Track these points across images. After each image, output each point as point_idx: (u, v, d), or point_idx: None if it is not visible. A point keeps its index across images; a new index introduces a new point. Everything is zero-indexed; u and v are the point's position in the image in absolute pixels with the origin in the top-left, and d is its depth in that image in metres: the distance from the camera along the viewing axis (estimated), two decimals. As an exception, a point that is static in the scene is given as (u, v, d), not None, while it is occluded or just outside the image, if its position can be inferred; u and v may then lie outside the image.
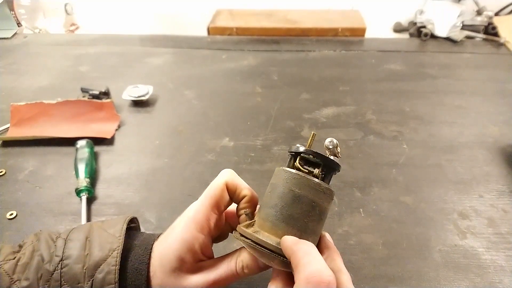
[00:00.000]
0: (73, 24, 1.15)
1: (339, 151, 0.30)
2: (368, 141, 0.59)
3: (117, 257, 0.30)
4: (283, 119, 0.64)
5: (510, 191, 0.50)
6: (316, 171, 0.29)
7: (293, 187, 0.28)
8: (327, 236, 0.31)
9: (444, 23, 0.89)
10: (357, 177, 0.52)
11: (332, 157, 0.30)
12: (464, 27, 0.91)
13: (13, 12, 0.99)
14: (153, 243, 0.32)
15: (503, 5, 0.96)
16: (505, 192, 0.50)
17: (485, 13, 0.90)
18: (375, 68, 0.79)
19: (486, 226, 0.45)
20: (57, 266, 0.29)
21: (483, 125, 0.62)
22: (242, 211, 0.32)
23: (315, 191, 0.28)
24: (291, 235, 0.27)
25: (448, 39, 0.90)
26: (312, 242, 0.28)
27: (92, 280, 0.29)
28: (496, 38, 0.89)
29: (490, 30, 0.90)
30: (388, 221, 0.46)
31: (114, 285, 0.29)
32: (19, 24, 1.00)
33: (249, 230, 0.29)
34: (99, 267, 0.29)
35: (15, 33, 0.96)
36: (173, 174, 0.54)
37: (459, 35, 0.89)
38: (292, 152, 0.31)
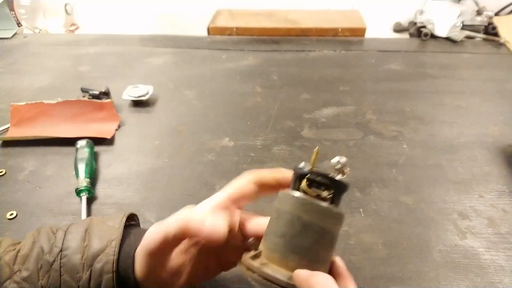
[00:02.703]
0: (73, 24, 1.15)
1: (348, 170, 0.27)
2: (368, 141, 0.59)
3: (115, 247, 0.30)
4: (283, 119, 0.64)
5: (510, 191, 0.50)
6: (324, 193, 0.27)
7: (301, 214, 0.26)
8: (339, 260, 0.28)
9: (444, 23, 0.89)
10: (357, 177, 0.52)
11: (339, 177, 0.27)
12: (464, 27, 0.91)
13: (13, 12, 0.99)
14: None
15: (503, 5, 0.95)
16: (505, 192, 0.50)
17: (485, 13, 0.90)
18: (375, 68, 0.79)
19: (486, 226, 0.45)
20: (57, 256, 0.30)
21: (483, 125, 0.62)
22: (248, 240, 0.30)
23: (325, 217, 0.26)
24: (302, 267, 0.25)
25: (448, 39, 0.90)
26: (324, 271, 0.26)
27: (91, 270, 0.29)
28: (496, 38, 0.89)
29: (490, 30, 0.90)
30: (388, 221, 0.46)
31: (112, 274, 0.29)
32: (19, 24, 1.00)
33: (256, 263, 0.26)
34: (98, 257, 0.30)
35: (15, 33, 0.96)
36: (173, 174, 0.54)
37: (459, 35, 0.89)
38: (298, 173, 0.28)
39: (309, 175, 0.27)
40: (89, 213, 0.48)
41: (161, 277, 0.31)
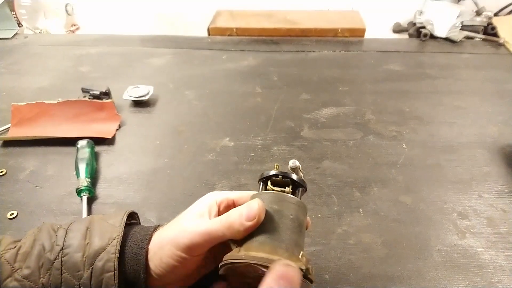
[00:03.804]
0: (73, 25, 1.15)
1: (302, 171, 0.34)
2: (368, 141, 0.59)
3: (116, 246, 0.30)
4: (283, 119, 0.64)
5: (509, 191, 0.50)
6: (287, 189, 0.32)
7: (272, 204, 0.30)
8: None
9: (443, 23, 0.89)
10: (357, 177, 0.53)
11: (295, 176, 0.33)
12: (464, 27, 0.91)
13: (14, 13, 0.99)
14: (152, 230, 0.33)
15: (503, 5, 0.96)
16: (504, 192, 0.50)
17: (484, 13, 0.91)
18: (374, 69, 0.79)
19: (485, 226, 0.46)
20: (58, 255, 0.30)
21: (482, 125, 0.62)
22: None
23: (291, 204, 0.31)
24: (278, 249, 0.28)
25: (447, 39, 0.90)
26: (297, 253, 0.29)
27: (92, 268, 0.29)
28: (495, 39, 0.89)
29: (489, 31, 0.90)
30: (388, 221, 0.46)
31: (113, 272, 0.29)
32: (19, 25, 1.00)
33: (238, 254, 0.29)
34: (99, 255, 0.30)
35: (16, 34, 0.97)
36: (174, 174, 0.54)
37: (458, 35, 0.89)
38: (264, 177, 0.33)
39: (273, 175, 0.33)
40: (89, 213, 0.48)
41: (179, 275, 0.31)
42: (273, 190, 0.32)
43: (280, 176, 0.32)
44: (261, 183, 0.34)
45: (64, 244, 0.30)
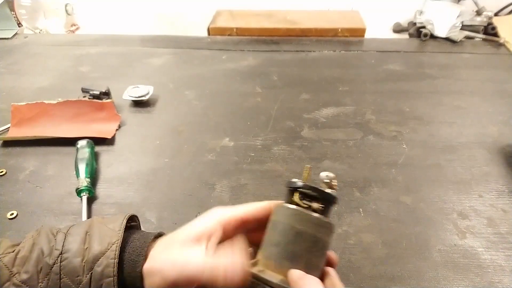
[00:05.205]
0: (73, 25, 1.15)
1: (335, 183, 0.30)
2: (368, 141, 0.59)
3: (116, 251, 0.30)
4: (283, 119, 0.64)
5: (510, 191, 0.50)
6: (315, 205, 0.29)
7: (295, 223, 0.28)
8: (333, 272, 0.29)
9: (443, 23, 0.89)
10: (357, 177, 0.53)
11: (329, 190, 0.30)
12: (464, 27, 0.91)
13: (14, 13, 0.99)
14: (151, 240, 0.32)
15: (503, 5, 0.96)
16: (504, 192, 0.50)
17: (484, 13, 0.90)
18: (374, 69, 0.79)
19: (486, 226, 0.46)
20: (57, 259, 0.29)
21: (482, 125, 0.62)
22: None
23: (316, 226, 0.28)
24: None
25: (447, 39, 0.90)
26: (315, 276, 0.28)
27: (91, 273, 0.29)
28: (495, 38, 0.89)
29: (489, 30, 0.90)
30: (388, 221, 0.46)
31: (112, 278, 0.29)
32: (19, 25, 1.00)
33: (254, 270, 0.28)
34: (98, 260, 0.29)
35: (16, 33, 0.97)
36: (174, 174, 0.54)
37: (458, 35, 0.89)
38: (291, 187, 0.30)
39: (300, 188, 0.29)
40: (89, 213, 0.48)
41: None
42: (298, 204, 0.29)
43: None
44: (289, 190, 0.31)
45: (63, 248, 0.30)
